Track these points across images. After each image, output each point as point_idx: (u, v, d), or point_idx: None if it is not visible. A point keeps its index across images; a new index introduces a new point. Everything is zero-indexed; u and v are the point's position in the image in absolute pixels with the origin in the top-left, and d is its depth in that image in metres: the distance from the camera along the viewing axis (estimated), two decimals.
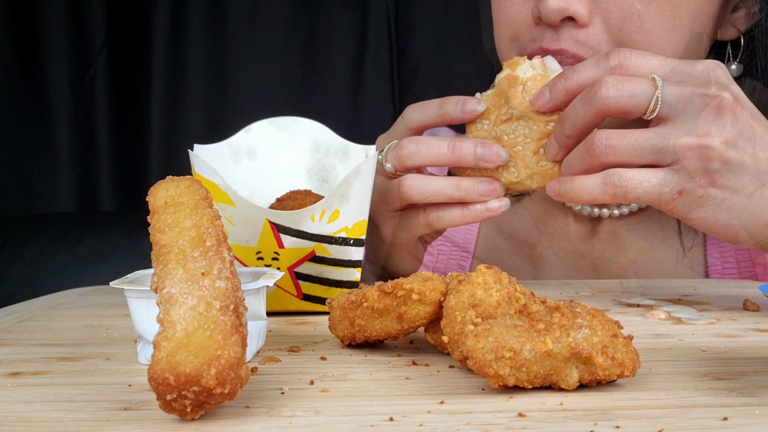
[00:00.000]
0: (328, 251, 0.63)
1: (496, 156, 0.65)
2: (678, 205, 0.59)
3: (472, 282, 0.45)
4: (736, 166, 0.58)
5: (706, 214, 0.59)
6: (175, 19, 2.01)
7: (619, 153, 0.58)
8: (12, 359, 0.50)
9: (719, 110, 0.58)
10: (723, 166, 0.58)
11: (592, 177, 0.60)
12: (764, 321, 0.61)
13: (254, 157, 0.73)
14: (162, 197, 0.46)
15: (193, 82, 2.03)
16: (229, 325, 0.37)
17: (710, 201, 0.59)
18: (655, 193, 0.58)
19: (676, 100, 0.58)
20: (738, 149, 0.58)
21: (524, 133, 0.65)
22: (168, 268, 0.41)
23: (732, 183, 0.58)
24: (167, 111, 2.03)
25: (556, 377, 0.40)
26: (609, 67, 0.60)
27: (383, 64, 2.02)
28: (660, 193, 0.58)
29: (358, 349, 0.52)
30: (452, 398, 0.40)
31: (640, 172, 0.59)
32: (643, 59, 0.60)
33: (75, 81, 2.02)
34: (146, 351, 0.48)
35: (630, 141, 0.58)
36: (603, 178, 0.59)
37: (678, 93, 0.58)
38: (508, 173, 0.66)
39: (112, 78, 2.03)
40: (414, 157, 0.67)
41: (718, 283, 0.83)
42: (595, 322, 0.44)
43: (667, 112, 0.58)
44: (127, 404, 0.39)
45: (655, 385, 0.42)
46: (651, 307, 0.67)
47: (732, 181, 0.58)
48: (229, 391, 0.36)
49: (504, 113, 0.65)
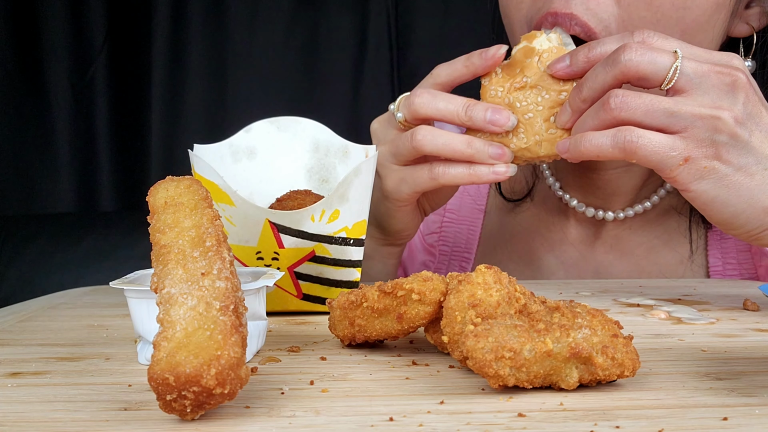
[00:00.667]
0: (328, 251, 0.63)
1: (506, 120, 0.66)
2: (681, 173, 0.60)
3: (472, 282, 0.45)
4: (742, 144, 0.59)
5: (707, 187, 0.60)
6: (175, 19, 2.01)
7: (633, 110, 0.60)
8: (12, 359, 0.50)
9: (733, 88, 0.60)
10: (730, 140, 0.59)
11: (603, 132, 0.61)
12: (764, 321, 0.61)
13: (254, 157, 0.73)
14: (162, 197, 0.46)
15: (193, 82, 2.03)
16: (229, 325, 0.37)
17: (713, 174, 0.60)
18: (662, 155, 0.59)
19: (694, 73, 0.60)
20: (746, 128, 0.60)
21: (536, 101, 0.67)
22: (168, 268, 0.41)
23: (736, 160, 0.60)
24: (167, 111, 2.03)
25: (556, 377, 0.40)
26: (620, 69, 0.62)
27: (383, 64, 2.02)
28: (667, 156, 0.59)
29: (358, 349, 0.52)
30: (452, 398, 0.40)
31: (651, 132, 0.60)
32: (666, 40, 0.62)
33: (75, 81, 2.02)
34: (146, 351, 0.48)
35: (645, 100, 0.60)
36: (614, 132, 0.60)
37: (696, 67, 0.60)
38: (517, 139, 0.68)
39: (112, 78, 2.03)
40: (426, 107, 0.68)
41: (718, 283, 0.83)
42: (595, 322, 0.44)
43: (683, 84, 0.60)
44: (127, 404, 0.39)
45: (655, 385, 0.42)
46: (651, 307, 0.67)
47: (737, 158, 0.60)
48: (229, 391, 0.36)
49: (518, 81, 0.68)
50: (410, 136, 0.69)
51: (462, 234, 1.02)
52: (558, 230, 0.96)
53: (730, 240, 0.90)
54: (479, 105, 0.68)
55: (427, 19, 2.02)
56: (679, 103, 0.59)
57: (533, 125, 0.67)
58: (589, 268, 0.94)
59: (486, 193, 1.03)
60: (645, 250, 0.92)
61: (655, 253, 0.92)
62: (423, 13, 2.02)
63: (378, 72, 2.02)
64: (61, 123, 2.03)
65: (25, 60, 2.01)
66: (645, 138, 0.59)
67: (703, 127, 0.59)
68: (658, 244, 0.92)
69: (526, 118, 0.67)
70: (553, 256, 0.96)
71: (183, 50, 2.02)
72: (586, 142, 0.62)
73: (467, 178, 0.68)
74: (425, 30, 2.02)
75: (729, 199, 0.61)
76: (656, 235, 0.92)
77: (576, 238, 0.95)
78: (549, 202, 0.98)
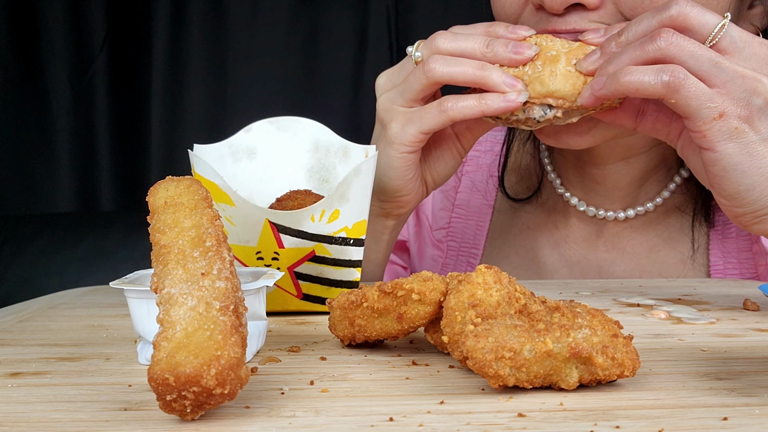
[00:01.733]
0: (328, 251, 0.63)
1: (528, 47, 0.66)
2: (713, 128, 0.60)
3: (472, 282, 0.45)
4: None
5: (732, 150, 0.60)
6: (175, 19, 2.01)
7: (681, 49, 0.59)
8: (12, 359, 0.50)
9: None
10: (764, 106, 0.59)
11: (647, 67, 0.60)
12: (764, 321, 0.61)
13: (254, 157, 0.73)
14: (162, 197, 0.46)
15: (193, 82, 2.03)
16: (229, 326, 0.37)
17: (741, 137, 0.60)
18: (701, 102, 0.59)
19: (739, 38, 0.61)
20: None
21: (562, 45, 0.66)
22: (168, 268, 0.41)
23: (764, 129, 0.60)
24: (167, 111, 2.03)
25: (556, 377, 0.40)
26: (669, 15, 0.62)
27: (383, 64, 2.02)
28: (705, 106, 0.59)
29: (358, 349, 0.52)
30: (452, 398, 0.40)
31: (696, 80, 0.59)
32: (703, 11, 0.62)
33: (75, 81, 2.02)
34: (146, 351, 0.48)
35: (694, 45, 0.59)
36: (660, 67, 0.60)
37: (740, 33, 0.61)
38: (533, 68, 0.66)
39: (112, 78, 2.03)
40: (447, 45, 0.68)
41: (718, 283, 0.83)
42: (595, 322, 0.44)
43: (726, 45, 0.61)
44: (127, 404, 0.39)
45: (655, 385, 0.42)
46: (651, 307, 0.67)
47: (765, 127, 0.60)
48: (229, 391, 0.36)
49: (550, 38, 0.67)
50: (422, 66, 0.68)
51: (470, 230, 1.02)
52: (561, 228, 0.97)
53: (731, 239, 0.91)
54: (501, 39, 0.67)
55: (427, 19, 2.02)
56: (721, 58, 0.59)
57: (553, 60, 0.66)
58: (591, 267, 0.94)
59: (495, 189, 1.04)
60: (646, 249, 0.92)
61: (656, 252, 0.92)
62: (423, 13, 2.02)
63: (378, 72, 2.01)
64: (61, 123, 2.03)
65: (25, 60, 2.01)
66: (691, 79, 0.59)
67: (743, 86, 0.59)
68: (658, 243, 0.92)
69: (549, 54, 0.66)
70: (556, 254, 0.96)
71: (183, 50, 2.02)
72: (627, 75, 0.60)
73: (477, 108, 0.66)
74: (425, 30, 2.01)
75: (749, 169, 0.60)
76: (657, 234, 0.92)
77: (578, 237, 0.95)
78: (552, 200, 0.98)
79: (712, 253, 0.90)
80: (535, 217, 0.99)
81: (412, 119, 0.70)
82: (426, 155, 0.76)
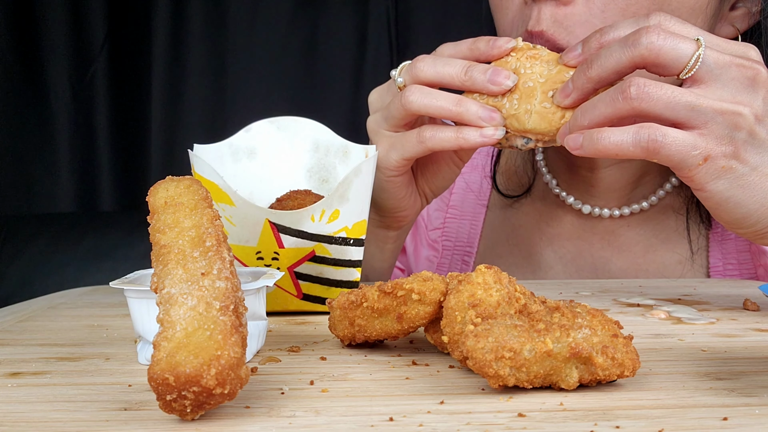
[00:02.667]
0: (328, 251, 0.63)
1: (505, 79, 0.64)
2: (700, 172, 0.58)
3: (472, 282, 0.45)
4: (759, 142, 0.58)
5: (722, 187, 0.59)
6: (175, 19, 2.01)
7: (654, 102, 0.57)
8: (12, 359, 0.50)
9: (753, 83, 0.58)
10: (748, 138, 0.57)
11: (624, 130, 0.58)
12: (764, 321, 0.61)
13: (254, 157, 0.73)
14: (162, 197, 0.46)
15: (193, 81, 2.03)
16: (229, 326, 0.37)
17: (730, 173, 0.58)
18: (684, 154, 0.57)
19: (715, 64, 0.57)
20: (764, 125, 0.58)
21: (541, 72, 0.64)
22: (168, 268, 0.41)
23: (753, 159, 0.58)
24: (167, 111, 2.03)
25: (556, 377, 0.40)
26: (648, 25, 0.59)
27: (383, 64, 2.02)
28: (689, 155, 0.57)
29: (358, 349, 0.52)
30: (452, 398, 0.40)
31: (673, 129, 0.57)
32: (683, 25, 0.60)
33: (75, 81, 2.02)
34: (146, 351, 0.48)
35: (667, 92, 0.57)
36: (637, 130, 0.57)
37: (717, 58, 0.57)
38: (510, 104, 0.65)
39: (112, 78, 2.04)
40: (426, 72, 0.67)
41: (718, 283, 0.83)
42: (595, 322, 0.44)
43: (703, 75, 0.58)
44: (127, 404, 0.39)
45: (655, 385, 0.42)
46: (651, 307, 0.67)
47: (753, 157, 0.58)
48: (229, 391, 0.36)
49: (532, 51, 0.65)
50: (401, 97, 0.67)
51: (464, 229, 1.02)
52: (555, 225, 0.97)
53: (730, 240, 0.91)
54: (480, 66, 0.65)
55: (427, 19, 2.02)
56: (699, 96, 0.57)
57: (529, 94, 0.64)
58: (586, 264, 0.94)
59: (489, 189, 1.04)
60: (643, 248, 0.92)
61: (653, 252, 0.92)
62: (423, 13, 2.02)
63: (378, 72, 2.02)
64: (61, 123, 2.03)
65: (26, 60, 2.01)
66: (669, 137, 0.57)
67: (723, 123, 0.57)
68: (656, 243, 0.92)
69: (526, 86, 0.64)
70: (551, 250, 0.96)
71: (183, 50, 2.02)
72: (604, 140, 0.58)
73: (455, 141, 0.66)
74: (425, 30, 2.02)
75: (743, 200, 0.59)
76: (654, 234, 0.92)
77: (573, 234, 0.95)
78: (547, 197, 0.98)
79: (712, 254, 0.90)
80: (528, 215, 0.99)
81: (395, 146, 0.70)
82: (423, 169, 0.76)
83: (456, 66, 0.66)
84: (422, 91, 0.66)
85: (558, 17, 0.73)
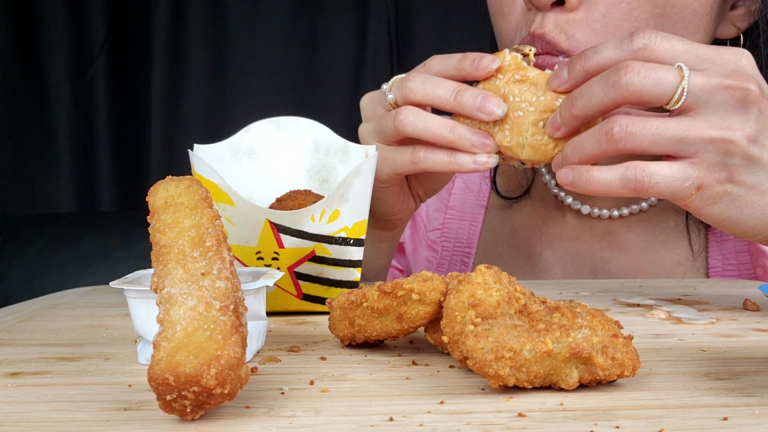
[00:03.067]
0: (328, 251, 0.63)
1: (495, 107, 0.63)
2: (695, 200, 0.57)
3: (472, 282, 0.45)
4: (755, 162, 0.57)
5: (720, 210, 0.58)
6: (175, 19, 2.01)
7: (639, 141, 0.56)
8: (12, 359, 0.50)
9: (744, 104, 0.56)
10: (742, 162, 0.56)
11: (612, 169, 0.57)
12: (764, 321, 0.61)
13: (254, 157, 0.73)
14: (162, 197, 0.46)
15: (193, 82, 2.03)
16: (229, 325, 0.37)
17: (726, 197, 0.57)
18: (675, 188, 0.56)
19: (702, 91, 0.55)
20: (759, 145, 0.57)
21: (530, 100, 0.63)
22: (168, 268, 0.41)
23: (749, 179, 0.57)
24: (167, 111, 2.03)
25: (556, 377, 0.40)
26: (633, 49, 0.58)
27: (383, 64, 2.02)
28: (680, 188, 0.56)
29: (358, 349, 0.52)
30: (452, 398, 0.40)
31: (661, 166, 0.56)
32: (669, 43, 0.58)
33: (75, 81, 2.02)
34: (146, 351, 0.48)
35: (651, 129, 0.55)
36: (623, 171, 0.57)
37: (704, 83, 0.55)
38: (502, 134, 0.64)
39: (112, 78, 2.04)
40: (416, 92, 0.66)
41: (718, 283, 0.83)
42: (595, 322, 0.44)
43: (690, 103, 0.56)
44: (127, 404, 0.39)
45: (655, 385, 0.42)
46: (651, 307, 0.67)
47: (749, 178, 0.57)
48: (229, 391, 0.36)
49: (521, 74, 0.64)
50: (394, 116, 0.66)
51: (463, 230, 1.02)
52: (555, 226, 0.97)
53: (729, 241, 0.91)
54: (470, 91, 0.64)
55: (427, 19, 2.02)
56: (687, 127, 0.55)
57: (520, 126, 0.63)
58: (586, 264, 0.94)
59: (488, 189, 1.04)
60: (642, 248, 0.93)
61: (652, 253, 0.92)
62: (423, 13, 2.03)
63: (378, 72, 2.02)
64: (61, 123, 2.03)
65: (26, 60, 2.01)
66: (657, 175, 0.56)
67: (714, 151, 0.55)
68: (655, 244, 0.92)
69: (516, 116, 0.63)
70: (551, 251, 0.96)
71: (183, 50, 2.02)
72: (593, 180, 0.58)
73: (447, 165, 0.65)
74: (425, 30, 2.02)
75: (742, 218, 0.59)
76: (654, 235, 0.92)
77: (572, 234, 0.95)
78: (546, 198, 0.98)
79: (711, 255, 0.90)
80: (528, 216, 0.99)
81: (387, 160, 0.69)
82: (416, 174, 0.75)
83: (446, 89, 0.65)
84: (416, 114, 0.66)
85: (560, 23, 0.73)
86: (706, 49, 0.58)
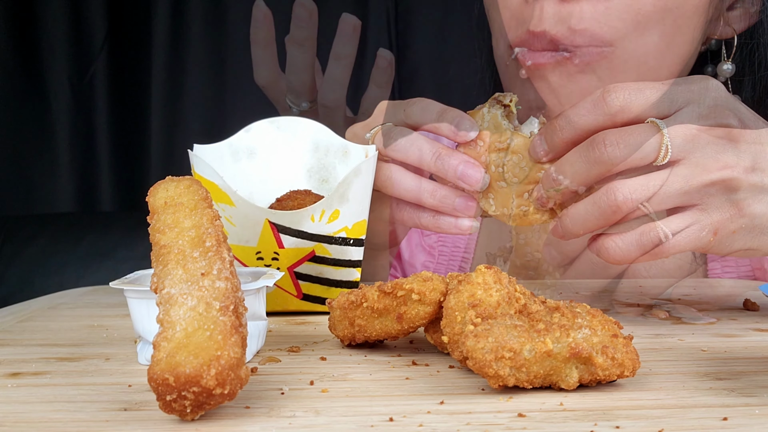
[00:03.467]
0: (328, 251, 0.63)
1: (477, 180, 0.61)
2: (715, 245, 0.56)
3: (472, 282, 0.45)
4: (759, 189, 0.56)
5: (740, 245, 0.57)
6: (175, 19, 2.01)
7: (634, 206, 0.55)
8: (12, 359, 0.50)
9: (730, 139, 0.55)
10: (748, 194, 0.56)
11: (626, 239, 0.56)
12: (764, 321, 0.61)
13: (254, 157, 0.73)
14: (162, 197, 0.46)
15: (193, 82, 2.03)
16: (229, 326, 0.37)
17: (742, 231, 0.56)
18: (694, 240, 0.55)
19: (684, 141, 0.55)
20: (758, 172, 0.56)
21: (513, 171, 0.61)
22: (168, 268, 0.41)
23: (758, 208, 0.56)
24: (167, 111, 2.03)
25: (556, 377, 0.40)
26: (610, 113, 0.56)
27: None
28: (699, 239, 0.55)
29: (358, 349, 0.52)
30: (452, 398, 0.40)
31: (673, 221, 0.55)
32: (643, 95, 0.57)
33: (75, 81, 2.02)
34: (146, 351, 0.48)
35: (653, 191, 0.55)
36: (638, 238, 0.56)
37: (684, 134, 0.55)
38: (486, 202, 0.63)
39: (112, 78, 2.04)
40: (398, 152, 0.65)
41: (718, 283, 0.83)
42: (595, 322, 0.44)
43: (678, 154, 0.55)
44: (127, 404, 0.39)
45: (655, 385, 0.42)
46: (651, 307, 0.67)
47: (758, 206, 0.56)
48: (229, 391, 0.36)
49: (502, 141, 0.62)
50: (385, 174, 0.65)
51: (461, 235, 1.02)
52: None
53: None
54: (453, 157, 0.62)
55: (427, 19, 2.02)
56: (687, 177, 0.55)
57: (504, 197, 0.62)
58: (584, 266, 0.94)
59: None
60: None
61: None
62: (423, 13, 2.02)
63: None
64: (61, 123, 2.03)
65: (25, 60, 2.01)
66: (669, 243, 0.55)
67: (718, 192, 0.55)
68: None
69: (499, 185, 0.62)
70: (547, 253, 0.96)
71: (183, 50, 2.02)
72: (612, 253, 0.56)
73: (430, 226, 0.65)
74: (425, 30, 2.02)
75: (762, 245, 0.57)
76: None
77: None
78: None
79: (710, 257, 0.90)
80: None
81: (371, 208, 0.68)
82: None
83: (429, 151, 0.63)
84: (398, 174, 0.65)
85: (561, 15, 0.72)
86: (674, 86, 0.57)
